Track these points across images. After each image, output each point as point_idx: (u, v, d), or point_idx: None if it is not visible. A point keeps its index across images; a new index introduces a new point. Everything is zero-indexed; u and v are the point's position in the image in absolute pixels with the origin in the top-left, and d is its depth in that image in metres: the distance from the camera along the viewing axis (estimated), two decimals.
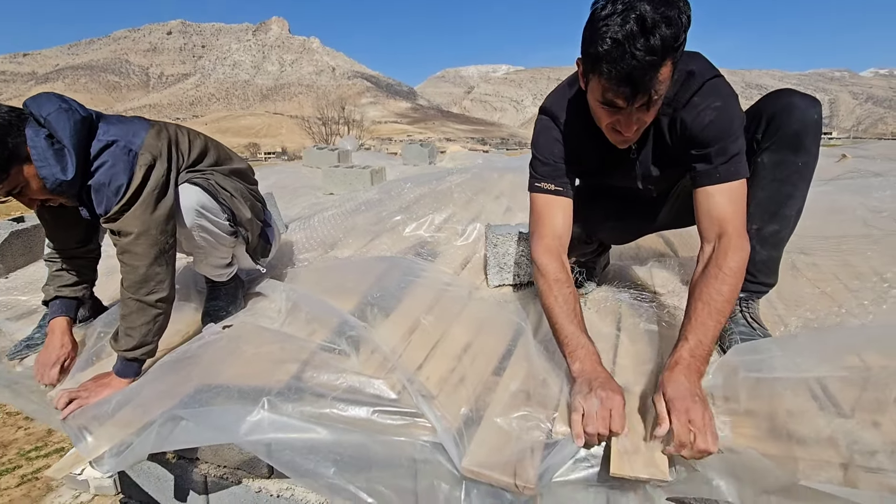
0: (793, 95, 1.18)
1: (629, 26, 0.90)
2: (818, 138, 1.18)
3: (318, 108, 35.32)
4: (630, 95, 0.98)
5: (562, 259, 1.22)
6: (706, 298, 1.02)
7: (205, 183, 1.43)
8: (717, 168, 1.11)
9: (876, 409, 0.89)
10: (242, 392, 1.18)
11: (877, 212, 1.85)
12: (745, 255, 1.07)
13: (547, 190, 1.27)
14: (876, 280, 1.47)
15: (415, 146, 6.51)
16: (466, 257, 2.10)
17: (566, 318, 1.12)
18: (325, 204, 3.14)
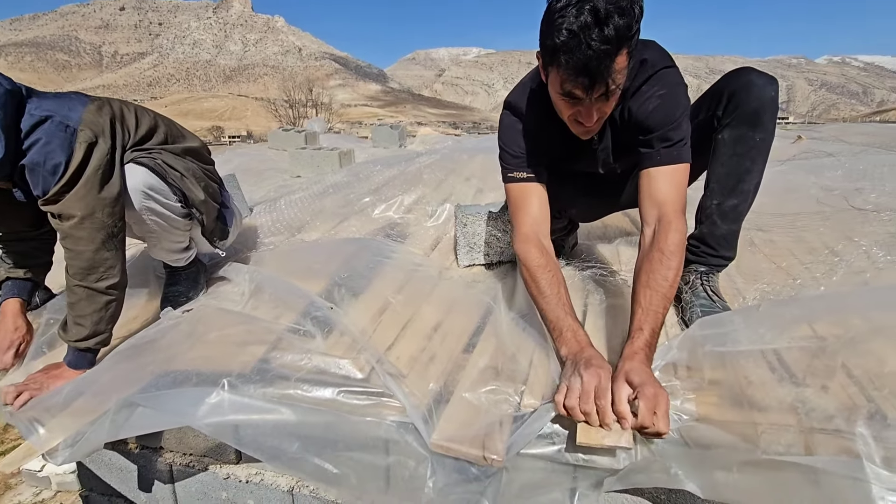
0: (751, 73, 1.22)
1: (584, 17, 0.92)
2: (775, 115, 1.22)
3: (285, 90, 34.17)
4: (589, 86, 1.00)
5: (541, 244, 1.23)
6: (654, 286, 1.04)
7: (151, 163, 1.34)
8: (659, 152, 1.15)
9: (826, 376, 0.93)
10: (202, 375, 1.15)
11: (828, 190, 1.94)
12: (684, 236, 1.10)
13: (520, 178, 1.28)
14: (827, 254, 1.54)
15: (385, 129, 6.41)
16: (437, 238, 2.09)
17: (549, 302, 1.12)
18: (292, 186, 3.06)
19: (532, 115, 1.27)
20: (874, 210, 1.67)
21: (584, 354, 0.99)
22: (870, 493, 0.63)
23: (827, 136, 5.09)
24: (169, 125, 1.51)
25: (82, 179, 1.20)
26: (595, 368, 0.93)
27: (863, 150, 3.33)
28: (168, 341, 1.27)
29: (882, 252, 1.39)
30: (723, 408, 0.92)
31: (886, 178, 1.95)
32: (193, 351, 1.23)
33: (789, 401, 0.86)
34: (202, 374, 1.14)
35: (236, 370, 1.13)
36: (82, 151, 1.20)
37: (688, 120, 1.17)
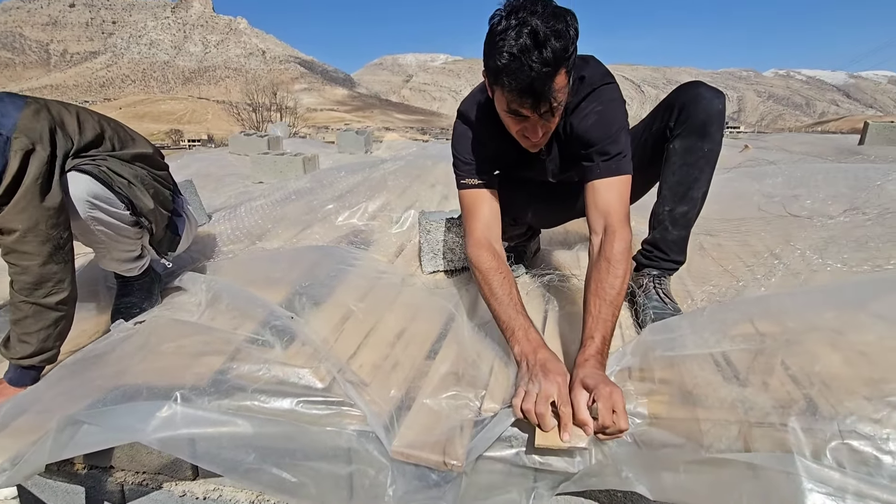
0: (700, 87, 1.29)
1: (523, 41, 0.97)
2: (722, 127, 1.29)
3: (248, 93, 33.25)
4: (533, 105, 1.06)
5: (493, 248, 1.25)
6: (602, 294, 1.08)
7: (95, 170, 1.28)
8: (599, 165, 1.20)
9: (766, 373, 0.99)
10: (154, 389, 1.10)
11: (769, 197, 2.06)
12: (628, 243, 1.14)
13: (472, 185, 1.32)
14: (768, 256, 1.64)
15: (350, 134, 6.35)
16: (401, 245, 2.10)
17: (501, 303, 1.15)
18: (253, 193, 3.00)
19: (482, 126, 1.31)
20: (808, 216, 1.80)
21: (538, 357, 1.01)
22: (800, 485, 0.67)
23: (772, 145, 5.42)
24: (116, 129, 1.45)
25: (21, 190, 1.13)
26: (553, 375, 0.95)
27: (801, 158, 3.56)
28: (118, 354, 1.22)
29: (815, 255, 1.50)
30: (671, 407, 0.96)
31: (821, 186, 2.10)
32: (145, 363, 1.18)
33: (731, 399, 0.90)
34: (154, 387, 1.10)
35: (190, 382, 1.09)
36: (18, 160, 1.13)
37: (626, 134, 1.22)
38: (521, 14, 0.99)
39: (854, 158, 3.87)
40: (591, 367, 0.97)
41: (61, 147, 1.24)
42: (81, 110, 1.38)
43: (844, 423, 0.73)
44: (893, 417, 0.73)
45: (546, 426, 0.91)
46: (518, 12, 0.99)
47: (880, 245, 1.44)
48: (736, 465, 0.76)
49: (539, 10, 0.99)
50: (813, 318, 1.05)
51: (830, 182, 2.10)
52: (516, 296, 1.17)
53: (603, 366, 1.01)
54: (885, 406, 0.74)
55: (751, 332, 1.08)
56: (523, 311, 1.13)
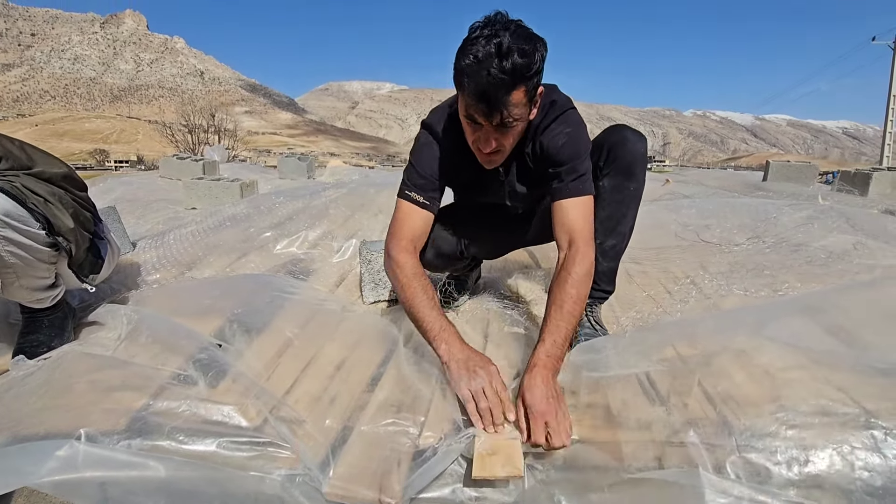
0: (625, 130, 1.39)
1: (489, 48, 1.03)
2: (645, 167, 1.41)
3: (184, 114, 31.71)
4: (486, 112, 1.10)
5: (415, 256, 1.29)
6: (559, 302, 1.14)
7: (7, 186, 1.19)
8: (568, 184, 1.26)
9: (685, 393, 1.07)
10: (54, 428, 0.99)
11: (685, 226, 2.27)
12: (592, 261, 1.21)
13: (415, 200, 1.32)
14: (686, 281, 1.79)
15: (292, 159, 6.23)
16: (342, 274, 2.07)
17: (426, 305, 1.18)
18: (184, 219, 2.84)
19: (446, 139, 1.33)
20: (718, 243, 1.99)
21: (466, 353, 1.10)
22: (703, 498, 0.73)
23: (690, 179, 5.94)
24: (24, 149, 1.34)
25: None
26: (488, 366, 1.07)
27: (715, 192, 3.92)
28: (15, 393, 1.10)
29: (723, 281, 1.65)
30: (597, 430, 1.01)
31: (728, 217, 2.34)
32: (47, 400, 1.07)
33: (650, 419, 0.96)
34: (54, 426, 0.99)
35: (99, 420, 1.00)
36: None
37: (589, 156, 1.30)
38: (496, 27, 1.05)
39: (758, 193, 4.34)
40: (534, 375, 1.04)
41: None
42: None
43: (742, 437, 0.81)
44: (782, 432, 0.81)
45: (508, 413, 0.99)
46: (493, 25, 1.06)
47: (775, 273, 1.62)
48: (650, 482, 0.81)
49: (512, 28, 1.05)
50: (723, 340, 1.15)
51: (736, 214, 2.35)
52: (437, 301, 1.21)
53: (549, 369, 1.06)
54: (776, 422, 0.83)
55: (671, 355, 1.17)
56: (445, 316, 1.18)
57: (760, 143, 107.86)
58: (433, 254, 1.62)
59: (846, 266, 1.66)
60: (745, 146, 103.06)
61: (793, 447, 0.80)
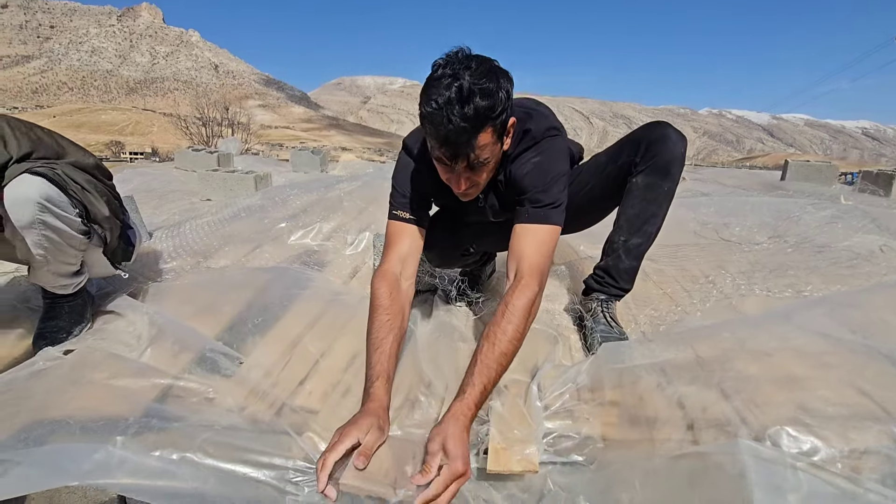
0: (667, 128, 1.34)
1: (449, 93, 1.00)
2: (681, 169, 1.36)
3: (198, 107, 32.02)
4: (451, 156, 1.08)
5: (396, 284, 1.23)
6: (492, 339, 1.05)
7: (50, 173, 1.21)
8: (528, 210, 1.21)
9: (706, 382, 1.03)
10: (87, 428, 1.01)
11: (704, 224, 2.23)
12: (532, 295, 1.10)
13: (402, 218, 1.30)
14: (704, 281, 1.75)
15: (305, 153, 6.26)
16: (356, 267, 2.07)
17: (372, 345, 1.12)
18: (200, 210, 2.87)
19: (423, 163, 1.29)
20: (738, 242, 1.95)
21: (361, 409, 1.00)
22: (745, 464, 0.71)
23: (707, 178, 5.85)
24: (51, 138, 1.36)
25: None
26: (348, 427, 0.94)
27: (732, 191, 3.86)
28: (45, 387, 1.11)
29: (744, 281, 1.62)
30: (622, 429, 1.00)
31: (748, 215, 2.29)
32: (76, 401, 1.08)
33: (676, 398, 0.94)
34: (87, 427, 1.01)
35: (128, 424, 1.01)
36: None
37: (562, 185, 1.22)
38: (456, 66, 1.02)
39: (776, 192, 4.25)
40: (446, 425, 0.93)
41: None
42: (12, 121, 1.29)
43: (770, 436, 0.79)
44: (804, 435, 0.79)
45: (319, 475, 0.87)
46: (454, 64, 1.03)
47: (799, 273, 1.58)
48: (686, 463, 0.79)
49: (472, 67, 1.02)
50: (744, 341, 1.12)
51: (756, 212, 2.30)
52: (388, 343, 1.12)
53: (466, 419, 0.95)
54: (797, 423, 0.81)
55: (690, 356, 1.14)
56: (385, 361, 1.09)
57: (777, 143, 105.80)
58: (438, 254, 1.61)
59: (873, 268, 1.61)
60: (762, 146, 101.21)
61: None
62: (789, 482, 0.70)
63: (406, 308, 1.23)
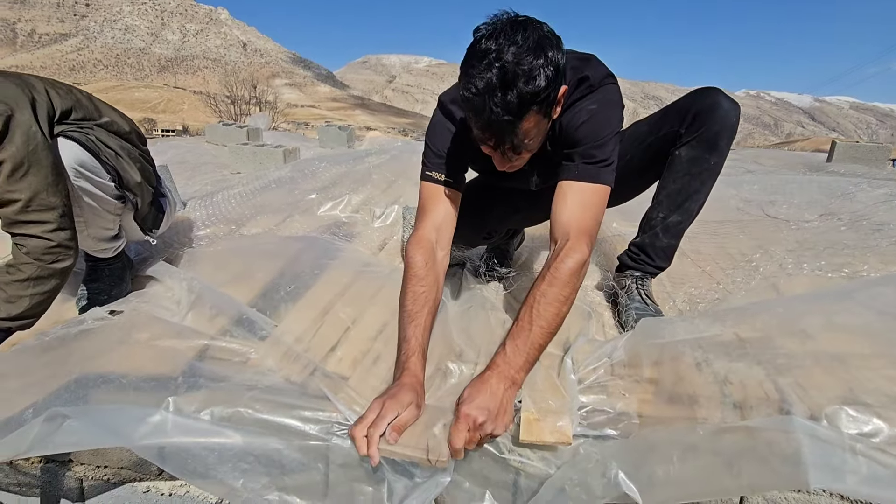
0: (719, 95, 1.22)
1: (490, 76, 0.91)
2: (731, 141, 1.24)
3: (227, 85, 32.43)
4: (495, 144, 1.02)
5: (432, 252, 1.18)
6: (531, 301, 1.00)
7: (83, 138, 1.22)
8: (578, 166, 1.11)
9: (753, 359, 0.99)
10: (139, 387, 1.05)
11: (747, 201, 2.12)
12: (581, 259, 1.03)
13: (436, 179, 1.22)
14: (745, 263, 1.67)
15: (332, 129, 6.26)
16: (384, 239, 2.06)
17: (407, 318, 1.08)
18: (231, 181, 2.91)
19: (461, 125, 1.21)
20: (785, 219, 1.84)
21: (398, 382, 0.97)
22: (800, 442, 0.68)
23: (745, 158, 5.59)
24: (92, 100, 1.38)
25: (12, 158, 1.07)
26: (390, 400, 0.91)
27: (776, 170, 3.67)
28: (95, 345, 1.16)
29: (792, 260, 1.53)
30: (659, 406, 0.96)
31: (795, 193, 2.16)
32: (127, 360, 1.12)
33: (724, 373, 0.90)
34: (140, 387, 1.05)
35: (177, 384, 1.04)
36: (0, 123, 1.07)
37: (615, 142, 1.13)
38: (500, 40, 0.92)
39: (824, 173, 4.03)
40: (484, 379, 0.93)
41: (41, 111, 1.17)
42: (46, 79, 1.30)
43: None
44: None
45: (359, 448, 0.87)
46: (498, 37, 0.92)
47: (855, 252, 1.49)
48: (732, 438, 0.75)
49: (519, 41, 0.91)
50: (789, 323, 1.06)
51: (805, 190, 2.17)
52: (423, 315, 1.08)
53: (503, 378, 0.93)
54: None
55: (730, 338, 1.09)
56: (421, 335, 1.05)
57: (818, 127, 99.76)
58: (464, 231, 1.55)
59: None
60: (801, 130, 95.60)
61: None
62: (848, 464, 0.66)
63: (441, 279, 1.18)
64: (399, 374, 0.99)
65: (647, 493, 0.78)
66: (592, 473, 0.85)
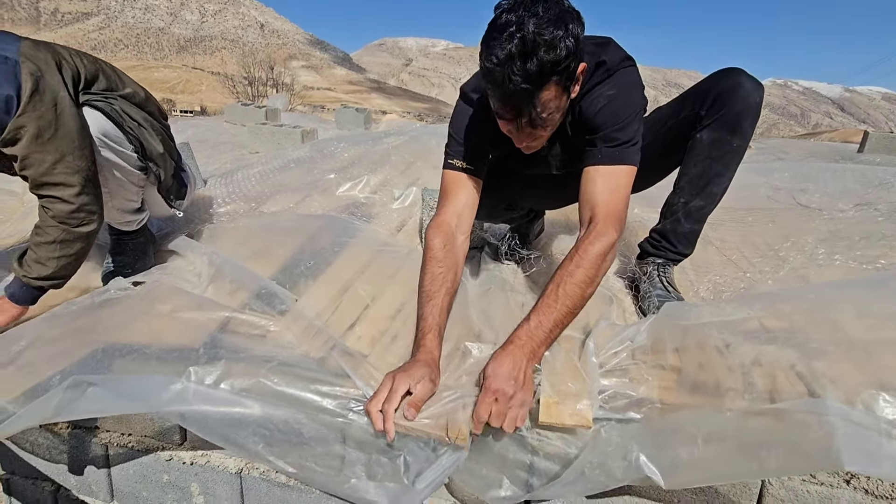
0: (741, 75, 1.20)
1: (511, 47, 0.92)
2: (755, 122, 1.21)
3: (245, 66, 32.49)
4: (513, 115, 1.02)
5: (452, 236, 1.19)
6: (557, 280, 1.02)
7: (107, 107, 1.24)
8: (601, 150, 1.11)
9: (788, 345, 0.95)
10: (162, 358, 1.07)
11: (777, 189, 2.05)
12: (609, 242, 1.04)
13: (457, 167, 1.25)
14: (771, 254, 1.62)
15: (350, 111, 6.24)
16: (402, 221, 2.05)
17: (425, 297, 1.10)
18: (250, 161, 2.92)
19: (483, 110, 1.21)
20: (818, 208, 1.78)
21: (412, 359, 0.98)
22: (833, 426, 0.66)
23: (772, 147, 5.42)
24: (116, 72, 1.38)
25: (40, 117, 1.09)
26: (401, 374, 0.92)
27: (807, 158, 3.55)
28: (120, 317, 1.18)
29: (823, 250, 1.48)
30: (684, 388, 0.94)
31: (828, 182, 2.09)
32: (150, 330, 1.14)
33: (752, 356, 0.89)
34: (162, 357, 1.07)
35: (199, 354, 1.05)
36: (31, 84, 1.08)
37: (638, 122, 1.13)
38: (521, 12, 0.93)
39: (856, 162, 3.88)
40: (506, 352, 0.95)
41: (68, 76, 1.18)
42: (71, 49, 1.31)
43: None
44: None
45: (374, 423, 0.88)
46: (519, 9, 0.93)
47: (893, 243, 1.42)
48: (760, 420, 0.74)
49: (539, 12, 0.92)
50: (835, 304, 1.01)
51: (839, 178, 2.09)
52: (441, 296, 1.10)
53: (526, 351, 0.95)
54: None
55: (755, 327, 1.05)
56: (439, 315, 1.07)
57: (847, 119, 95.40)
58: (485, 200, 1.54)
59: None
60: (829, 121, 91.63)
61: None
62: (884, 449, 0.64)
63: (460, 262, 1.20)
64: (415, 351, 1.01)
65: (669, 476, 0.77)
66: (613, 456, 0.85)
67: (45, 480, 1.34)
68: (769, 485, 0.90)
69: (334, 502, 1.10)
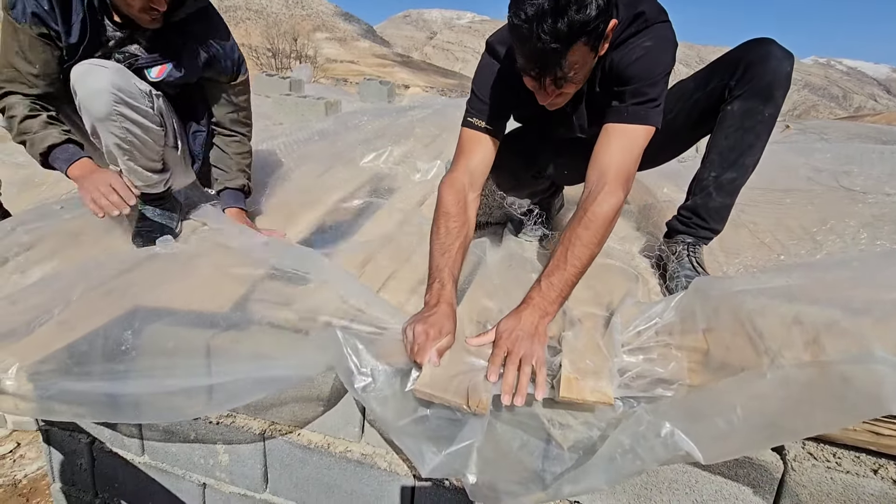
0: (771, 45, 1.17)
1: (541, 2, 0.90)
2: (786, 92, 1.18)
3: (269, 37, 32.35)
4: (539, 73, 1.01)
5: (464, 193, 1.20)
6: (566, 242, 1.04)
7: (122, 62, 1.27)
8: (628, 108, 1.10)
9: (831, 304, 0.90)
10: (192, 320, 1.11)
11: (818, 170, 1.95)
12: (618, 203, 1.05)
13: (476, 126, 1.24)
14: (807, 238, 1.55)
15: (373, 83, 6.18)
16: (424, 195, 2.03)
17: (438, 250, 1.13)
18: (274, 132, 2.92)
19: (509, 65, 1.18)
20: (862, 191, 1.69)
21: (434, 308, 1.02)
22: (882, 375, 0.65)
23: (811, 128, 5.15)
24: None
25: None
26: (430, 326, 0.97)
27: (850, 139, 3.37)
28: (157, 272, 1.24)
29: (866, 234, 1.41)
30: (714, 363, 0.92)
31: (875, 164, 1.97)
32: (180, 295, 1.19)
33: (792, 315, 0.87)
34: (192, 318, 1.12)
35: (231, 318, 1.11)
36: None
37: (666, 83, 1.12)
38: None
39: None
40: (519, 311, 1.01)
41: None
42: None
43: None
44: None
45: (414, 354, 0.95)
46: None
47: None
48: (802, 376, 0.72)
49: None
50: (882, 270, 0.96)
51: (887, 160, 1.97)
52: (455, 249, 1.13)
53: (538, 310, 1.00)
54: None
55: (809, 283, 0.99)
56: (452, 267, 1.10)
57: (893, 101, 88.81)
58: (507, 177, 1.52)
59: None
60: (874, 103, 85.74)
61: None
62: None
63: (472, 219, 1.22)
64: (434, 300, 1.03)
65: (708, 449, 0.74)
66: (646, 436, 0.80)
67: (81, 433, 1.41)
68: (791, 471, 0.87)
69: (358, 468, 1.13)
